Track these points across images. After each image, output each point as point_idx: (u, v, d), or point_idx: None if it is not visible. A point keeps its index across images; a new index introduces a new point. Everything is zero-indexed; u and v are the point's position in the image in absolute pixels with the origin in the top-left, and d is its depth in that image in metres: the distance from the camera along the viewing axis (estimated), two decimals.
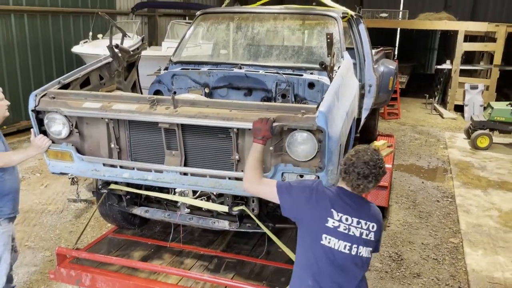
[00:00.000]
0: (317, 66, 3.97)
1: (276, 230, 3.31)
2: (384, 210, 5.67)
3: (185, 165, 2.99)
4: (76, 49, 9.45)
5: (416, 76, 16.30)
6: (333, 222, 2.13)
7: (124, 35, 4.34)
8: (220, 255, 3.65)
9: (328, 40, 3.06)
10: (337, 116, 2.87)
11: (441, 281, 4.35)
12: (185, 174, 2.96)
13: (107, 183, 3.42)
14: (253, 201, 3.08)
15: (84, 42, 9.67)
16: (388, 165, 5.46)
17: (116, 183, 3.43)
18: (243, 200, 3.17)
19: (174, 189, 3.46)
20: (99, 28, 10.72)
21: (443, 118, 11.72)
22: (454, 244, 5.09)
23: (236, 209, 3.09)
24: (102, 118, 3.06)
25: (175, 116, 2.81)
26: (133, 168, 3.06)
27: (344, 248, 2.12)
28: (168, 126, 2.87)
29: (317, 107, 2.66)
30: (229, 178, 2.86)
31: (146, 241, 3.90)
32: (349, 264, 2.14)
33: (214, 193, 3.45)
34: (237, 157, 2.86)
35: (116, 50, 3.97)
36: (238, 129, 2.78)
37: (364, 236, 2.15)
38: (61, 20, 10.02)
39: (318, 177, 2.67)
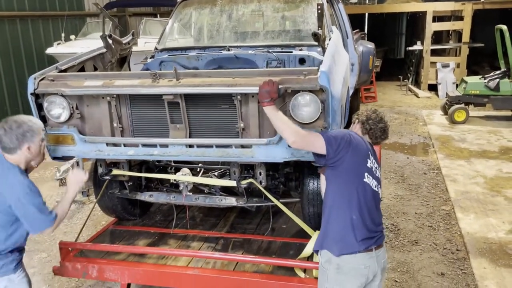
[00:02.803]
0: (305, 42, 4.03)
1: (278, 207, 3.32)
2: None
3: (190, 138, 2.97)
4: (50, 50, 9.32)
5: (387, 60, 16.59)
6: (370, 163, 2.47)
7: (116, 26, 4.30)
8: (226, 236, 3.64)
9: (319, 11, 3.10)
10: (336, 78, 2.92)
11: (438, 245, 4.47)
12: (190, 146, 2.93)
13: (109, 170, 3.36)
14: (260, 174, 3.09)
15: (58, 44, 9.52)
16: None
17: (118, 168, 3.37)
18: (249, 174, 3.17)
19: (175, 172, 3.44)
20: (69, 30, 10.53)
21: (419, 97, 11.99)
22: (446, 211, 5.23)
23: (244, 182, 3.08)
24: (103, 98, 3.00)
25: (179, 87, 2.79)
26: (138, 145, 3.02)
27: (375, 186, 2.49)
28: (172, 98, 2.83)
29: (318, 69, 2.70)
30: (235, 147, 2.86)
31: (148, 230, 3.85)
32: (378, 199, 2.53)
33: (216, 174, 3.44)
34: (242, 125, 2.85)
35: (110, 41, 3.91)
36: (241, 96, 2.78)
37: (380, 177, 2.58)
38: (30, 24, 9.81)
39: None
